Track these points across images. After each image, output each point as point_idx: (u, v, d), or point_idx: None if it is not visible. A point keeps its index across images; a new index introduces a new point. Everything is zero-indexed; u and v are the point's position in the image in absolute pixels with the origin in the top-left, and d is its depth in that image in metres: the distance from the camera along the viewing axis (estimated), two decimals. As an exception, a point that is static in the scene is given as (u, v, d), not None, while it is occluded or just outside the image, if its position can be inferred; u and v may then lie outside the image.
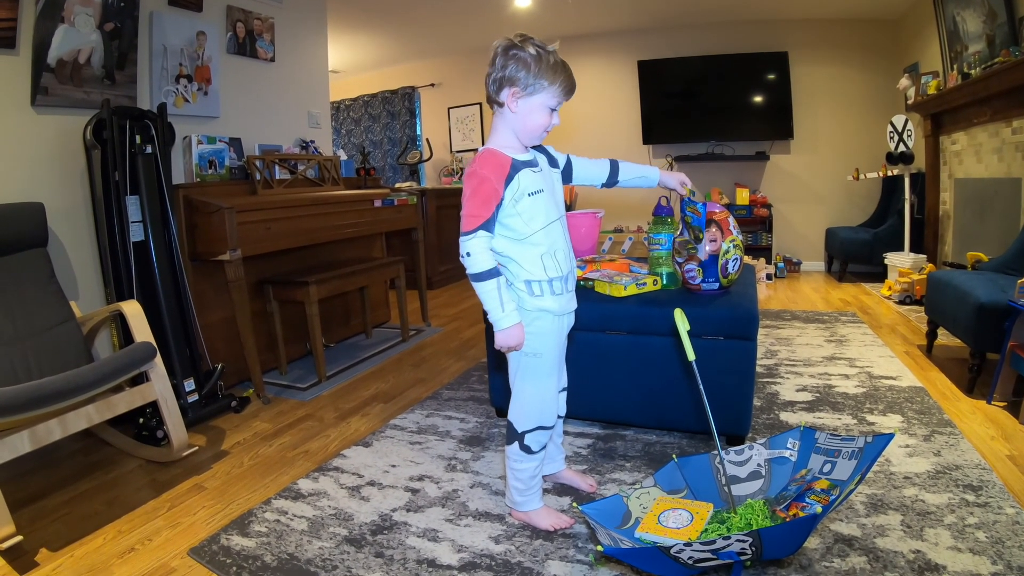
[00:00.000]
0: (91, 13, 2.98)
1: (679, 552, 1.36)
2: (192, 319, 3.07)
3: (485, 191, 1.68)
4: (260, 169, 3.59)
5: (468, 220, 1.69)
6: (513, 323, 1.71)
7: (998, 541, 1.71)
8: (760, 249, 6.62)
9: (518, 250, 1.75)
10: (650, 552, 1.44)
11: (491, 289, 1.68)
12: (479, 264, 1.68)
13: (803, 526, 1.44)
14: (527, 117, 1.71)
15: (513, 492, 1.94)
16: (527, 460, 1.88)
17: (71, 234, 2.98)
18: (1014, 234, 3.72)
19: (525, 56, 1.65)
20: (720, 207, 2.34)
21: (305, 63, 4.57)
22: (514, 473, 1.91)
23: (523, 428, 1.86)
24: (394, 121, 8.38)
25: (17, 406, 1.89)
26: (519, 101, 1.69)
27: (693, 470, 1.88)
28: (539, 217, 1.74)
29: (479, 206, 1.68)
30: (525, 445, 1.86)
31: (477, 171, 1.70)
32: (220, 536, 1.95)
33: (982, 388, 2.89)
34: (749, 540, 1.36)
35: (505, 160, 1.71)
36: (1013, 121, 4.00)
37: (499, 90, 1.71)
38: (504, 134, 1.77)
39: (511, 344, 1.73)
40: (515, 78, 1.67)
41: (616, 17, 6.61)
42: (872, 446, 1.60)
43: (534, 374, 1.84)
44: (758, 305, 2.41)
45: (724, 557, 1.41)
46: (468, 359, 3.86)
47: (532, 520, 1.93)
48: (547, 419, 1.87)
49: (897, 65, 6.16)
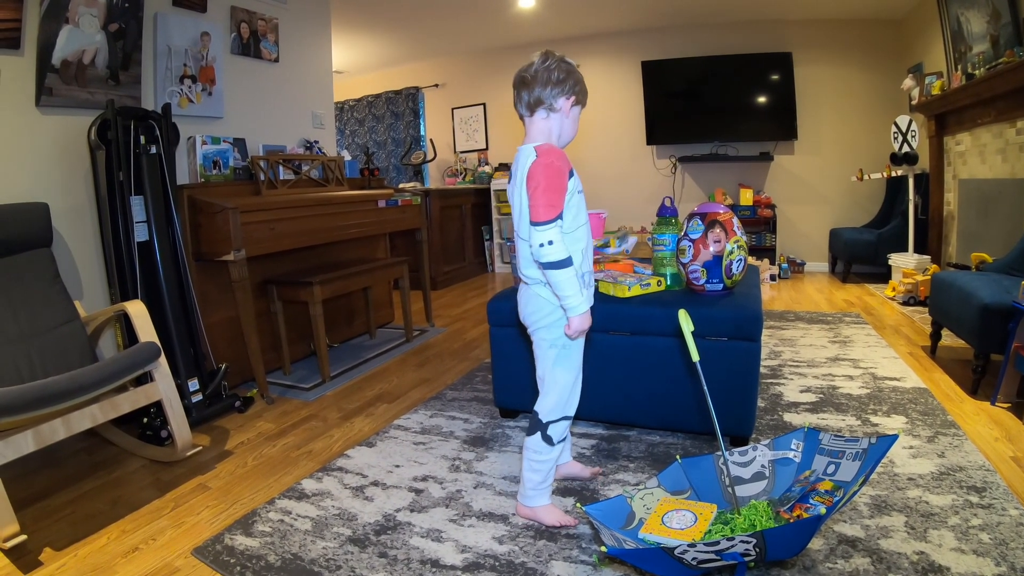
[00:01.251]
0: (95, 14, 2.99)
1: (683, 553, 1.36)
2: (196, 319, 3.08)
3: (561, 183, 1.76)
4: (264, 169, 3.59)
5: (547, 209, 1.72)
6: (588, 307, 1.80)
7: (1002, 543, 1.70)
8: (764, 250, 6.61)
9: (567, 243, 1.81)
10: (653, 553, 1.44)
11: (571, 276, 1.75)
12: (560, 252, 1.72)
13: (807, 527, 1.43)
14: (575, 123, 1.90)
15: (527, 485, 1.96)
16: (547, 451, 1.93)
17: (75, 234, 2.99)
18: (1018, 235, 3.70)
19: (576, 71, 1.85)
20: (724, 208, 2.34)
21: (309, 63, 4.58)
22: (532, 465, 1.95)
23: (549, 418, 1.92)
24: (398, 121, 8.39)
25: (22, 406, 1.90)
26: (572, 109, 1.86)
27: (697, 471, 1.88)
28: (581, 214, 1.86)
29: (556, 196, 1.74)
30: (547, 435, 1.92)
31: (553, 162, 1.75)
32: (224, 536, 1.96)
33: (986, 389, 2.88)
34: (753, 541, 1.36)
35: (567, 157, 1.82)
36: (1017, 122, 3.99)
37: (556, 95, 1.83)
38: (554, 136, 1.87)
39: (586, 327, 1.81)
40: (574, 89, 1.84)
41: (620, 18, 6.61)
42: (876, 447, 1.59)
43: (567, 363, 1.92)
44: (762, 306, 2.41)
45: (728, 558, 1.41)
46: (472, 360, 3.86)
47: (538, 516, 1.96)
48: (572, 408, 1.96)
49: (901, 65, 6.14)
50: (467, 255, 7.17)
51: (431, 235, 6.17)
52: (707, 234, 2.30)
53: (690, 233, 2.35)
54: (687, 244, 2.36)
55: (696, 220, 2.34)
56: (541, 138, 1.85)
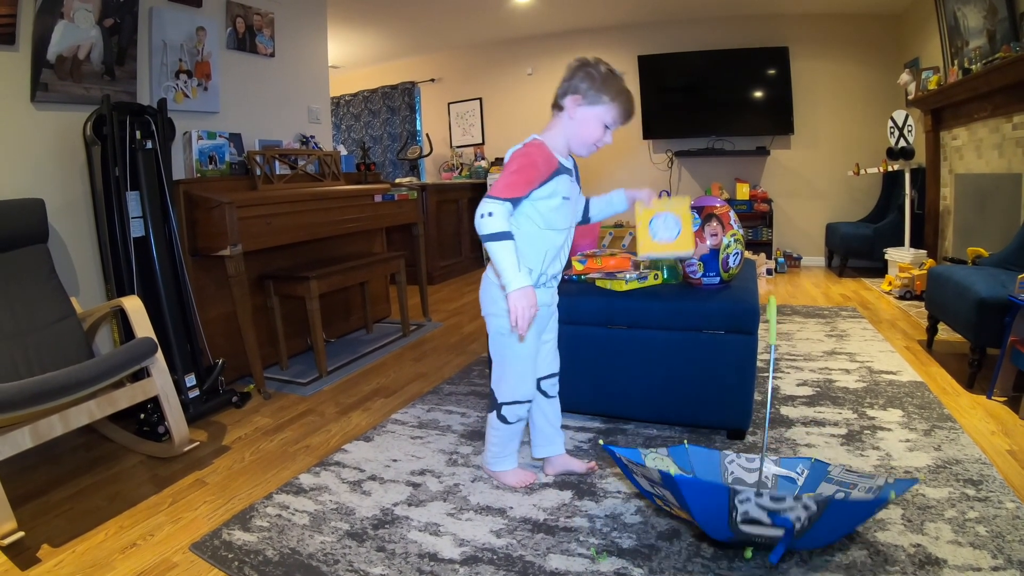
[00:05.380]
0: (91, 9, 2.98)
1: (743, 500, 1.39)
2: (193, 314, 3.07)
3: (530, 174, 1.77)
4: (260, 164, 3.58)
5: (504, 188, 1.74)
6: (527, 283, 1.73)
7: (998, 535, 1.71)
8: (760, 244, 6.63)
9: (533, 238, 1.85)
10: (714, 488, 1.47)
11: (508, 249, 1.72)
12: (497, 225, 1.71)
13: (868, 507, 1.45)
14: (582, 126, 1.85)
15: (488, 451, 2.16)
16: (504, 429, 2.08)
17: (71, 230, 2.98)
18: (1014, 229, 3.72)
19: (594, 72, 1.82)
20: (721, 202, 2.35)
21: (305, 58, 4.57)
22: (491, 436, 2.13)
23: (502, 399, 2.04)
24: (394, 116, 8.38)
25: (19, 402, 1.89)
26: (579, 109, 1.84)
27: (702, 459, 1.91)
28: (560, 220, 1.88)
29: (518, 182, 1.76)
30: (502, 415, 2.06)
31: (531, 152, 1.79)
32: (222, 531, 1.96)
33: (982, 383, 2.89)
34: (814, 508, 1.38)
35: (554, 160, 1.83)
36: (1014, 116, 3.99)
37: (564, 95, 1.85)
38: (556, 136, 1.88)
39: (524, 304, 1.71)
40: (580, 87, 1.82)
41: (616, 12, 6.60)
42: (892, 486, 1.59)
43: (511, 352, 1.98)
44: (759, 300, 2.41)
45: (778, 521, 1.42)
46: (469, 354, 3.86)
47: (500, 478, 2.15)
48: (522, 395, 2.02)
49: (898, 60, 6.15)
50: (463, 250, 7.15)
51: (427, 230, 6.16)
52: (704, 228, 2.30)
53: None
54: None
55: (693, 214, 2.34)
56: (549, 135, 1.88)
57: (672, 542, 1.78)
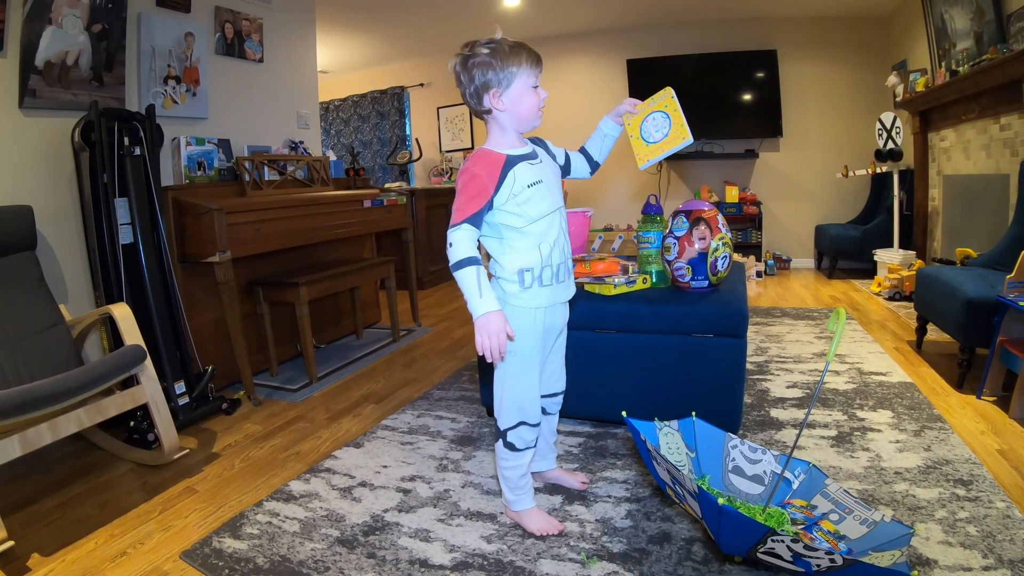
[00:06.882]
0: (79, 15, 2.97)
1: (775, 540, 1.35)
2: (182, 321, 3.06)
3: (474, 187, 1.71)
4: (249, 170, 3.57)
5: (456, 214, 1.72)
6: (491, 309, 1.62)
7: (989, 535, 1.72)
8: (750, 246, 6.64)
9: (516, 238, 1.75)
10: (754, 526, 1.40)
11: (470, 275, 1.64)
12: (459, 253, 1.67)
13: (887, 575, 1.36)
14: (516, 107, 1.74)
15: (503, 491, 1.94)
16: (513, 458, 1.86)
17: (60, 237, 2.96)
18: (1002, 230, 3.74)
19: (482, 58, 1.72)
20: (709, 205, 2.35)
21: (294, 63, 4.56)
22: (502, 472, 1.91)
23: (505, 425, 1.84)
24: (383, 121, 8.37)
25: (7, 410, 1.88)
26: (503, 97, 1.73)
27: (707, 437, 1.93)
28: (538, 207, 1.74)
29: (467, 201, 1.71)
30: (508, 442, 1.85)
31: (469, 168, 1.73)
32: (212, 539, 1.95)
33: (972, 383, 2.91)
34: (840, 562, 1.32)
35: (498, 158, 1.73)
36: (1001, 118, 4.02)
37: (480, 100, 1.75)
38: (498, 135, 1.80)
39: (491, 331, 1.61)
40: (487, 81, 1.72)
41: (605, 16, 6.62)
42: (888, 527, 1.56)
43: (512, 371, 1.81)
44: (748, 302, 2.42)
45: (800, 564, 1.39)
46: (459, 359, 3.85)
47: (523, 521, 1.92)
48: (529, 416, 1.84)
49: (885, 62, 6.19)
50: (455, 254, 7.07)
51: (417, 235, 6.16)
52: (692, 231, 2.31)
53: (675, 230, 2.36)
54: (672, 241, 2.37)
55: (681, 217, 2.35)
56: (491, 139, 1.82)
57: (663, 546, 1.78)
